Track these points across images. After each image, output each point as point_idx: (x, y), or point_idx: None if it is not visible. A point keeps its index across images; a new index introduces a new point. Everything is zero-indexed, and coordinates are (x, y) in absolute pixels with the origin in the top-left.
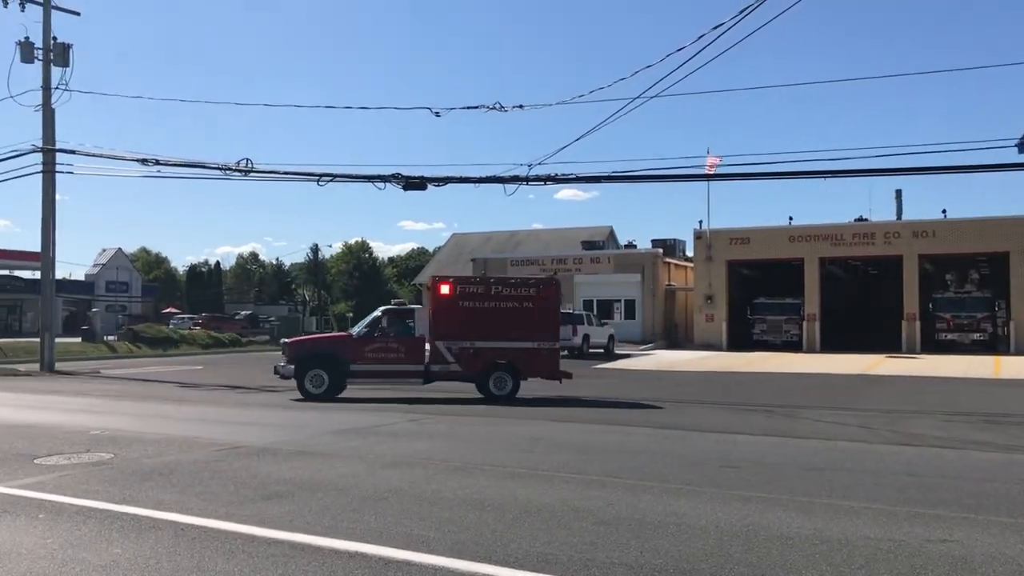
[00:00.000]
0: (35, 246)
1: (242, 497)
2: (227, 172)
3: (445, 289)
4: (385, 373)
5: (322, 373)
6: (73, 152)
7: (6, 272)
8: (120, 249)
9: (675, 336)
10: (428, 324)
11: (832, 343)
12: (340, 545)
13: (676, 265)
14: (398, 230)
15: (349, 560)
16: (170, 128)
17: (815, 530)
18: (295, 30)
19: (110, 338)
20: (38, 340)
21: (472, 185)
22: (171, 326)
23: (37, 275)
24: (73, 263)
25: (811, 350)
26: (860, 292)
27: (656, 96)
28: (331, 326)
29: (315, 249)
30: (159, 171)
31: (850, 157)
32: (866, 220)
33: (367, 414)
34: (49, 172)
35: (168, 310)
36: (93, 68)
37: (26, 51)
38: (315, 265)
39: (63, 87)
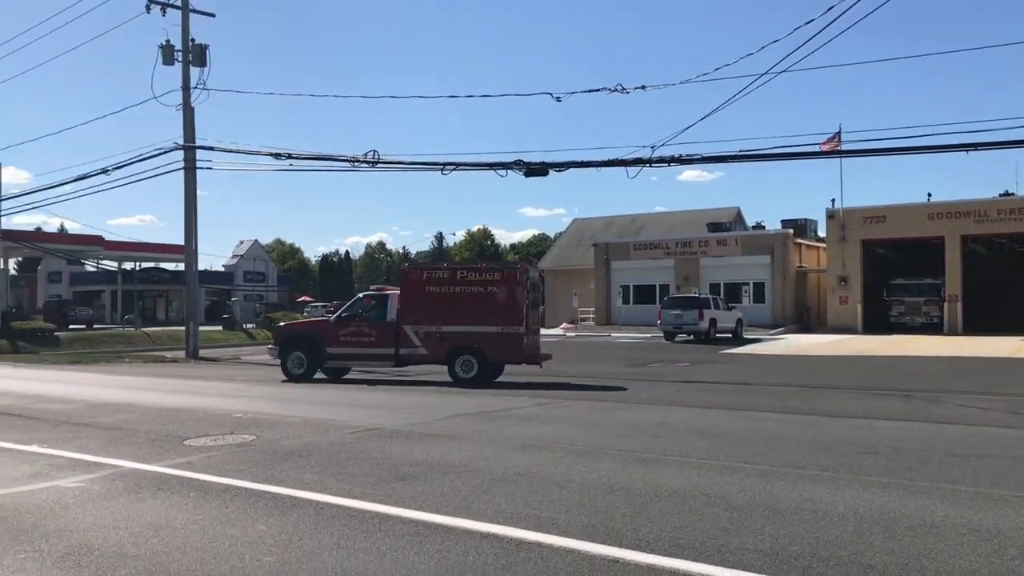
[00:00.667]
0: (178, 239)
1: (377, 478)
2: (355, 164)
3: (413, 276)
4: (359, 356)
5: (302, 355)
6: (211, 148)
7: (152, 264)
8: (256, 240)
9: (807, 319)
10: (397, 309)
11: (975, 325)
12: (472, 525)
13: (807, 246)
14: (519, 217)
15: (482, 540)
16: (301, 123)
17: (962, 519)
18: (418, 22)
19: (248, 325)
20: (183, 328)
21: (593, 170)
22: (305, 313)
23: (180, 267)
24: (213, 255)
25: (952, 332)
26: (1006, 271)
27: (785, 71)
28: None
29: (439, 237)
30: (291, 164)
31: (992, 129)
32: (1012, 195)
33: (493, 398)
34: (190, 168)
35: (302, 298)
36: (228, 67)
37: (167, 54)
38: (439, 252)
39: (201, 86)
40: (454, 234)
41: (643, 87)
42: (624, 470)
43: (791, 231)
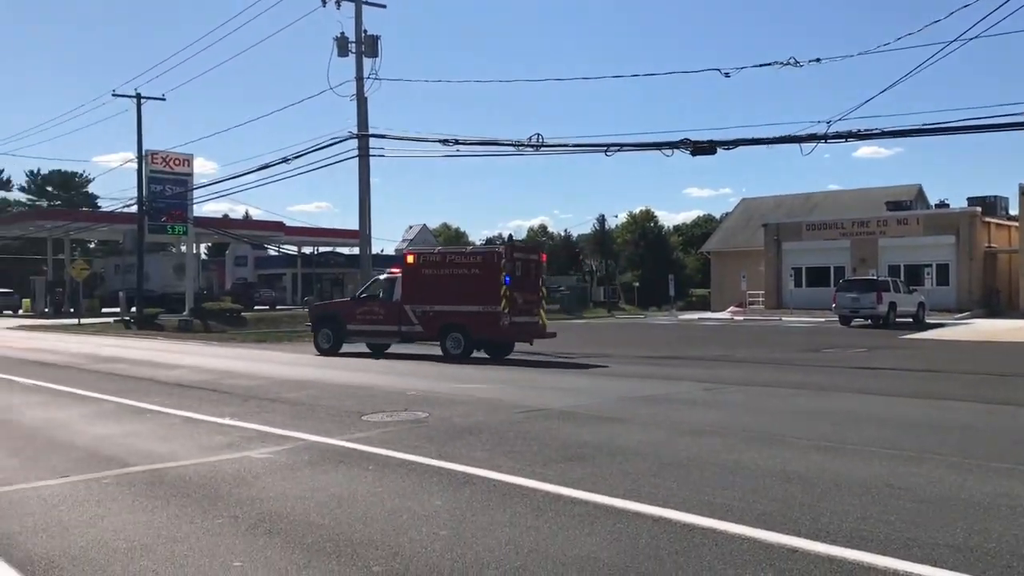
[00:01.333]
0: (351, 224)
1: (546, 457)
2: (520, 148)
3: (410, 259)
4: (371, 332)
5: (329, 332)
6: (383, 136)
7: (328, 248)
8: (425, 225)
9: (995, 303)
10: (400, 291)
11: None
12: (643, 508)
13: (997, 225)
14: (683, 197)
15: (653, 524)
16: (467, 108)
17: None
18: (581, 4)
19: None
20: None
21: (761, 148)
22: None
23: (355, 251)
24: (383, 239)
25: None
26: None
27: (976, 38)
28: (618, 295)
29: (601, 220)
30: (457, 150)
31: None
32: None
33: (658, 382)
34: (364, 156)
35: None
36: (397, 56)
37: (341, 46)
38: (601, 235)
39: (373, 76)
40: (616, 216)
41: (818, 60)
42: (800, 458)
43: (979, 209)
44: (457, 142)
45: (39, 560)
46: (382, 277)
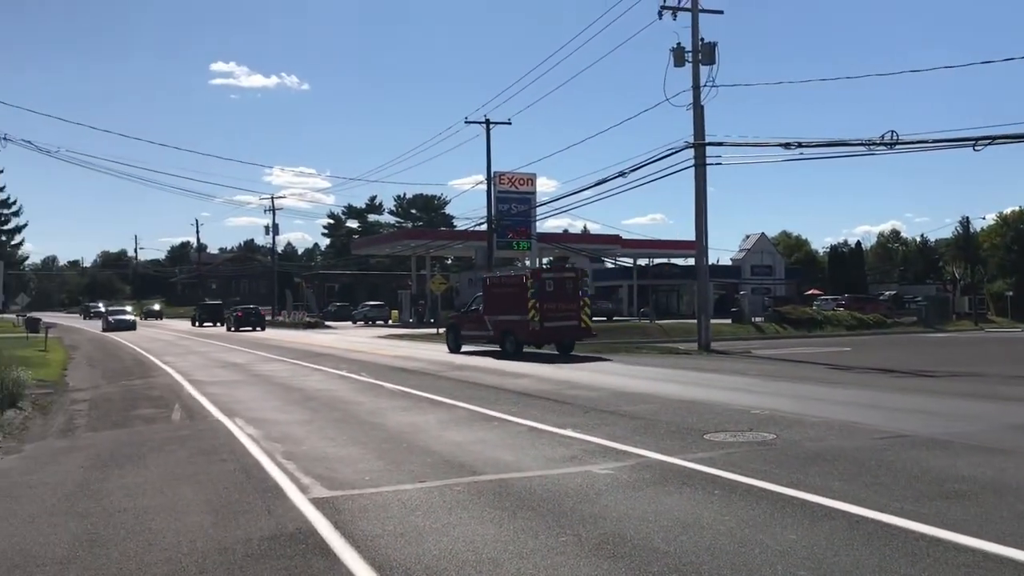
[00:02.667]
0: (684, 235)
1: (917, 492)
2: (871, 147)
3: (487, 282)
4: (470, 336)
5: (453, 335)
6: (720, 144)
7: (663, 260)
8: (763, 234)
9: None
10: (482, 305)
11: None
12: None
13: None
14: None
15: None
16: (808, 111)
17: None
18: None
19: (757, 319)
20: (692, 321)
21: None
22: (814, 307)
23: (690, 261)
24: (720, 249)
25: None
26: None
27: None
28: (986, 306)
29: (965, 222)
30: (800, 153)
31: None
32: None
33: None
34: (700, 165)
35: (810, 292)
36: (733, 61)
37: (678, 56)
38: (965, 240)
39: (710, 84)
40: (983, 218)
41: None
42: None
43: None
44: (800, 145)
45: (397, 566)
46: (479, 295)
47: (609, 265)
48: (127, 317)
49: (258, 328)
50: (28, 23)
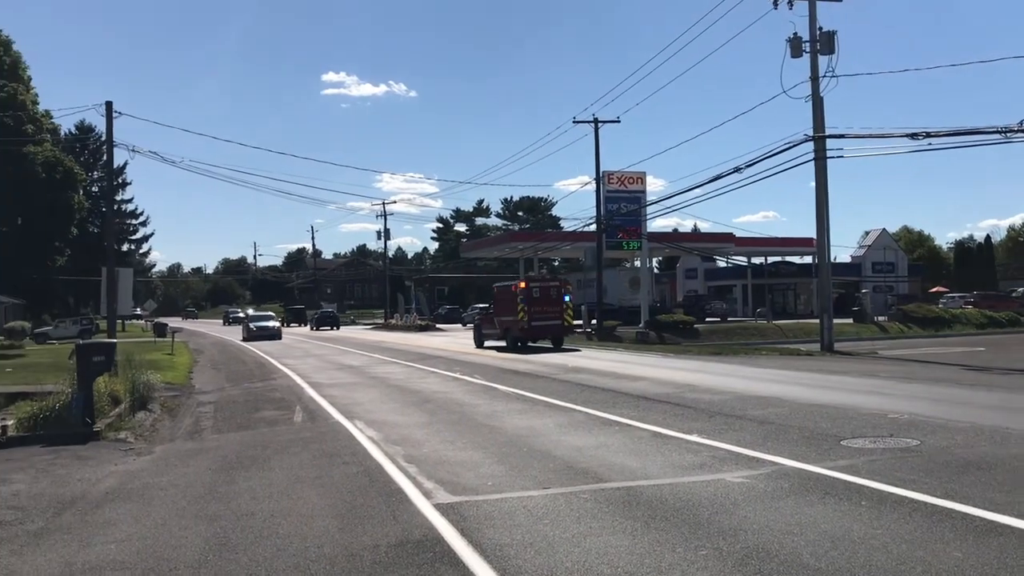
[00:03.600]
0: (799, 232)
1: None
2: (1007, 135)
3: (495, 290)
4: (488, 334)
5: (478, 333)
6: (842, 136)
7: (778, 258)
8: (884, 230)
9: None
10: (492, 307)
11: None
12: None
13: None
14: None
15: None
16: (935, 99)
17: None
18: None
19: (880, 318)
20: (812, 321)
21: None
22: (941, 305)
23: (807, 259)
24: (838, 245)
25: None
26: None
27: None
28: None
29: None
30: (929, 143)
31: None
32: None
33: None
34: (820, 159)
35: (935, 289)
36: (853, 50)
37: (795, 46)
38: None
39: (829, 74)
40: None
41: None
42: None
43: None
44: (928, 135)
45: None
46: (493, 297)
47: (722, 264)
48: (271, 324)
49: (334, 327)
50: (149, 40)
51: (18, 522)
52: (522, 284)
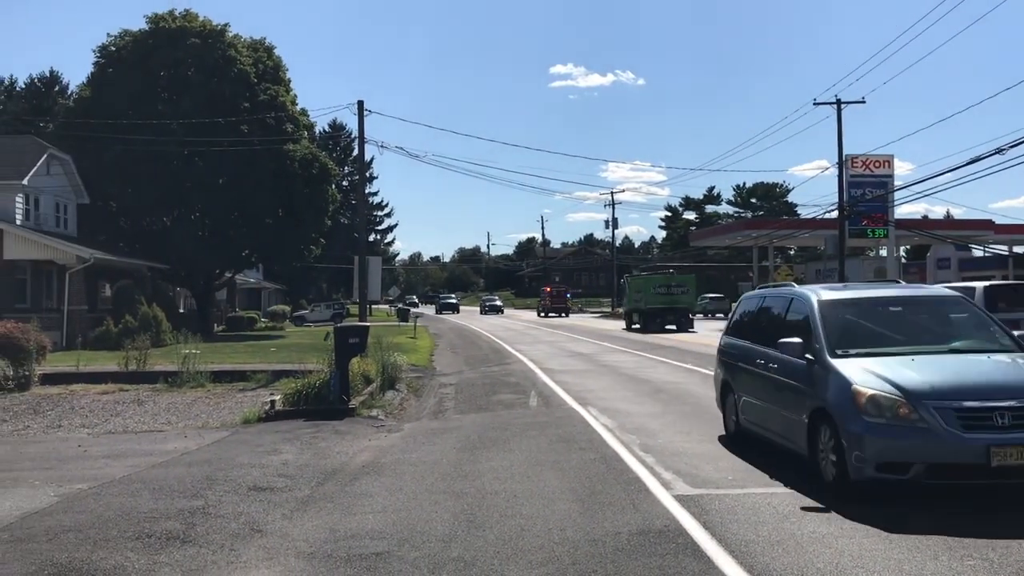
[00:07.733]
0: None
1: None
2: None
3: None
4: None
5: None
6: None
7: None
8: None
9: None
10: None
11: None
12: None
13: None
14: None
15: None
16: None
17: None
18: None
19: None
20: None
21: None
22: None
23: None
24: None
25: None
26: None
27: None
28: None
29: None
30: None
31: None
32: None
33: None
34: None
35: None
36: None
37: None
38: None
39: None
40: None
41: None
42: None
43: None
44: None
45: None
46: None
47: (979, 253)
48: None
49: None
50: (398, 44)
51: (287, 489)
52: (546, 289)
